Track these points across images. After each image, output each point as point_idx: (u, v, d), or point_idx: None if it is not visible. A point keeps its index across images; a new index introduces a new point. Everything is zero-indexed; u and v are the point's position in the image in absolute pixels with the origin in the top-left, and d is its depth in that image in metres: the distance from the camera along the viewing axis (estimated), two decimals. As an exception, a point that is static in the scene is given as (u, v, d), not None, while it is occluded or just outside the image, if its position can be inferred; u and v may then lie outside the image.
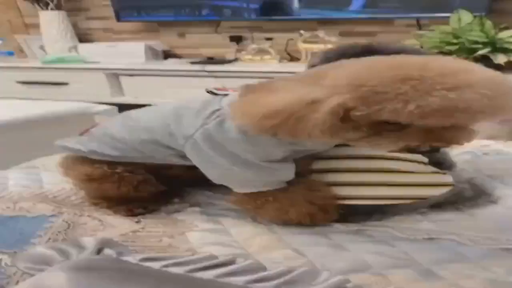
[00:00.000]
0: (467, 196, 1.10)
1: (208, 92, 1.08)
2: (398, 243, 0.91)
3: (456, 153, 1.36)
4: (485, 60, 2.98)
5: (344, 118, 0.82)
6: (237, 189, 1.03)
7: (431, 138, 0.82)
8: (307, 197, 1.01)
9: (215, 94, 1.06)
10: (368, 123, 0.83)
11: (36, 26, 4.89)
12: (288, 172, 1.01)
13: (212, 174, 1.03)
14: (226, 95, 1.04)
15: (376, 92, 0.79)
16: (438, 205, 1.05)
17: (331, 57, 1.18)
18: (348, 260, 0.85)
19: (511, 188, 1.15)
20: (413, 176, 1.04)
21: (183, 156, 1.04)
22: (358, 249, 0.89)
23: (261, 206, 1.01)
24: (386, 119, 0.80)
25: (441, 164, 1.18)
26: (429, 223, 0.99)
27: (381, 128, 0.83)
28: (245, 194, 1.02)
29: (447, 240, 0.91)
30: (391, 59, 0.85)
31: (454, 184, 1.06)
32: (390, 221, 1.00)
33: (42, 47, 4.85)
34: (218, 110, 0.99)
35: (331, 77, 0.87)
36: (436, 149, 1.02)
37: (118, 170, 1.09)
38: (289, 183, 1.02)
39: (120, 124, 1.13)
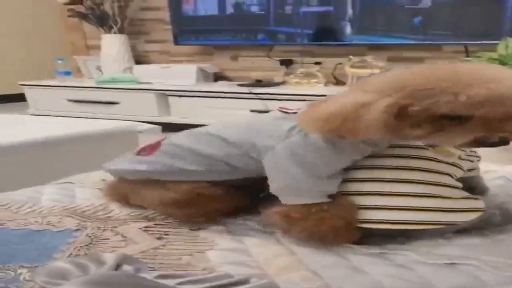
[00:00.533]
0: (496, 222, 1.07)
1: (279, 110, 1.12)
2: (418, 267, 0.89)
3: (489, 178, 1.34)
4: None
5: (400, 115, 0.89)
6: (292, 200, 1.04)
7: (491, 129, 0.87)
8: (337, 212, 1.01)
9: (286, 112, 1.10)
10: (428, 119, 0.89)
11: (97, 47, 5.03)
12: (337, 185, 1.04)
13: (279, 183, 1.05)
14: (295, 113, 1.08)
15: (422, 89, 0.88)
16: (464, 229, 1.03)
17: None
18: (365, 283, 0.84)
19: (541, 215, 1.12)
20: (445, 201, 1.02)
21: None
22: (377, 272, 0.88)
23: (307, 218, 1.01)
24: (444, 112, 0.86)
25: (474, 188, 1.16)
26: (452, 247, 0.97)
27: (442, 124, 0.89)
28: (298, 206, 1.03)
29: (468, 266, 0.89)
30: (424, 67, 0.96)
31: (485, 209, 1.03)
32: (412, 245, 0.99)
33: (98, 68, 4.97)
34: (296, 125, 1.04)
35: (372, 84, 0.96)
36: (506, 142, 0.98)
37: (212, 189, 1.12)
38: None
39: (194, 139, 1.15)
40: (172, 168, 1.13)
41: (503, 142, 0.90)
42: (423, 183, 1.03)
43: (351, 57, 3.75)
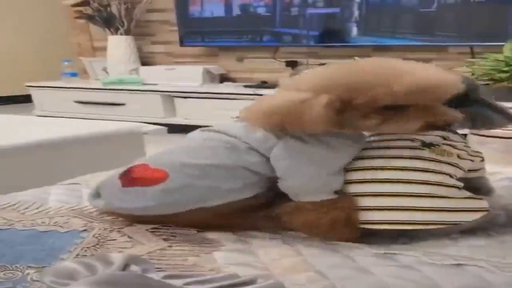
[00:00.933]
0: (501, 222, 1.08)
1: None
2: (424, 268, 0.89)
3: (494, 179, 1.34)
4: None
5: (346, 109, 0.97)
6: (308, 197, 1.05)
7: (432, 114, 0.99)
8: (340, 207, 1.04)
9: None
10: (373, 110, 0.97)
11: (103, 49, 5.05)
12: (342, 181, 1.07)
13: (294, 181, 1.05)
14: None
15: (359, 83, 0.97)
16: (469, 230, 1.03)
17: None
18: (370, 284, 0.84)
19: (546, 215, 1.12)
20: (445, 201, 1.02)
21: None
22: (382, 273, 0.88)
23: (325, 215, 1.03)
24: (386, 103, 0.96)
25: (479, 189, 1.16)
26: (458, 248, 0.97)
27: (388, 114, 0.98)
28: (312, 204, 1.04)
29: (474, 267, 0.89)
30: (346, 63, 1.05)
31: (489, 209, 1.04)
32: (418, 245, 0.99)
33: (105, 69, 4.99)
34: None
35: (304, 82, 1.03)
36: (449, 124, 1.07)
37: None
38: None
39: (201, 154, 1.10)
40: (209, 192, 1.06)
41: (448, 124, 1.03)
42: (422, 183, 1.03)
43: (356, 58, 3.75)
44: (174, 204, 1.06)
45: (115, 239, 1.04)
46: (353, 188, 1.06)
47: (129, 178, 1.08)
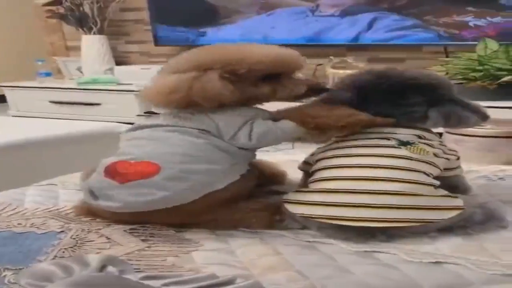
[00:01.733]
0: (478, 220, 1.08)
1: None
2: (403, 266, 0.90)
3: (471, 177, 1.35)
4: (509, 86, 2.99)
5: (237, 80, 1.12)
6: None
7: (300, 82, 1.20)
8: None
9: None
10: (258, 80, 1.15)
11: (77, 48, 5.00)
12: None
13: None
14: None
15: (235, 58, 1.13)
16: (448, 228, 1.03)
17: (348, 83, 1.20)
18: (351, 283, 0.85)
19: (523, 214, 1.13)
20: (420, 199, 1.03)
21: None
22: (362, 271, 0.88)
23: None
24: (261, 70, 1.14)
25: (456, 188, 1.17)
26: (436, 246, 0.98)
27: (272, 82, 1.17)
28: None
29: (452, 265, 0.89)
30: (211, 46, 1.25)
31: (464, 208, 1.04)
32: (397, 243, 0.99)
33: (79, 69, 4.94)
34: None
35: (180, 65, 1.17)
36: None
37: None
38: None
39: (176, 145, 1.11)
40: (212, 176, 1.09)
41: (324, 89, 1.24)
42: (398, 181, 1.04)
43: (331, 57, 3.75)
44: (186, 191, 1.05)
45: (93, 240, 1.03)
46: (330, 185, 1.07)
47: (119, 174, 1.08)
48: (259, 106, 1.23)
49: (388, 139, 1.12)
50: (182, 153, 1.08)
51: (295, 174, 1.35)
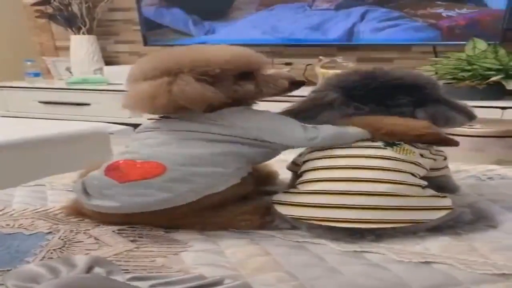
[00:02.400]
0: (467, 220, 1.08)
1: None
2: (392, 266, 0.90)
3: (460, 177, 1.35)
4: (498, 86, 3.02)
5: (212, 81, 1.12)
6: None
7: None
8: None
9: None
10: (237, 78, 1.16)
11: (66, 48, 4.99)
12: None
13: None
14: None
15: (201, 60, 1.13)
16: (437, 228, 1.03)
17: (334, 83, 1.20)
18: (340, 283, 0.84)
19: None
20: (409, 199, 1.03)
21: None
22: (352, 271, 0.88)
23: None
24: (235, 69, 1.14)
25: (444, 188, 1.17)
26: (425, 246, 0.98)
27: (251, 79, 1.18)
28: None
29: (441, 264, 0.89)
30: (171, 50, 1.22)
31: (453, 207, 1.04)
32: (386, 243, 0.99)
33: (68, 69, 4.94)
34: None
35: (150, 70, 1.15)
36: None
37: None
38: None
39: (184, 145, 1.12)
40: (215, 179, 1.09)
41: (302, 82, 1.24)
42: (384, 181, 1.04)
43: (321, 57, 3.76)
44: (188, 193, 1.06)
45: (81, 241, 1.03)
46: (318, 186, 1.07)
47: (122, 174, 1.08)
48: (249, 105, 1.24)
49: (373, 140, 1.12)
50: (190, 155, 1.08)
51: (284, 174, 1.35)
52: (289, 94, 1.24)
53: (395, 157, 1.07)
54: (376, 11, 3.77)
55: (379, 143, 1.10)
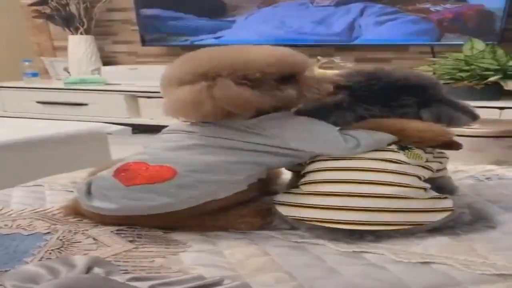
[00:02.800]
0: (466, 220, 1.08)
1: None
2: (391, 266, 0.90)
3: (458, 177, 1.35)
4: (496, 86, 3.02)
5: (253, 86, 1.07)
6: None
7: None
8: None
9: None
10: (277, 83, 1.09)
11: (64, 48, 5.00)
12: None
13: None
14: None
15: (242, 63, 1.07)
16: (436, 229, 1.04)
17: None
18: (340, 284, 0.84)
19: (510, 213, 1.14)
20: (410, 201, 1.03)
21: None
22: (351, 272, 0.88)
23: None
24: (274, 74, 1.08)
25: (443, 188, 1.17)
26: (425, 246, 0.98)
27: (294, 83, 1.12)
28: None
29: (441, 265, 0.89)
30: (213, 50, 1.16)
31: (454, 209, 1.04)
32: (385, 243, 0.99)
33: (66, 69, 4.94)
34: None
35: (188, 73, 1.10)
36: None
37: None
38: None
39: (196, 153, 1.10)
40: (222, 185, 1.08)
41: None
42: (390, 184, 1.04)
43: (319, 57, 3.76)
44: (189, 199, 1.05)
45: (79, 241, 1.02)
46: (323, 187, 1.06)
47: (130, 176, 1.07)
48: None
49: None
50: (205, 162, 1.07)
51: (284, 175, 1.34)
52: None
53: (405, 161, 1.07)
54: (374, 7, 3.80)
55: (393, 146, 1.10)
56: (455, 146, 1.16)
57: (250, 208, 1.12)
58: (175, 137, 1.15)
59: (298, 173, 1.18)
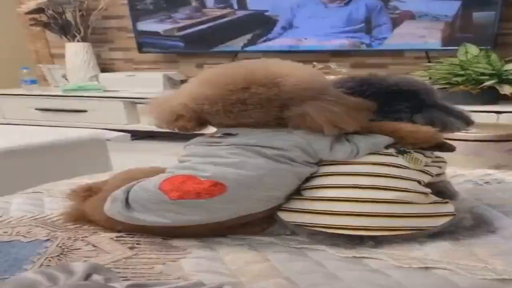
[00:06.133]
0: (467, 225, 1.08)
1: None
2: (392, 272, 0.89)
3: (457, 182, 1.35)
4: (492, 91, 3.03)
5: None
6: None
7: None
8: None
9: None
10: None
11: (61, 56, 5.01)
12: None
13: None
14: None
15: (266, 80, 1.07)
16: (437, 234, 1.03)
17: None
18: (340, 289, 0.84)
19: (510, 218, 1.14)
20: (412, 206, 1.02)
21: None
22: (351, 277, 0.87)
23: None
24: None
25: (443, 193, 1.17)
26: (425, 251, 0.97)
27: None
28: None
29: (441, 270, 0.89)
30: (237, 65, 1.23)
31: (455, 213, 1.04)
32: (385, 249, 0.99)
33: (64, 76, 4.95)
34: None
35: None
36: None
37: None
38: None
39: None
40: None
41: None
42: (391, 189, 1.03)
43: (315, 63, 3.76)
44: (228, 213, 1.05)
45: (79, 248, 1.02)
46: (324, 193, 1.06)
47: (179, 190, 1.03)
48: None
49: (386, 147, 1.11)
50: (257, 176, 1.04)
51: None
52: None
53: (405, 165, 1.07)
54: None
55: (391, 150, 1.10)
56: (448, 147, 1.16)
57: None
58: (222, 152, 1.10)
59: None
